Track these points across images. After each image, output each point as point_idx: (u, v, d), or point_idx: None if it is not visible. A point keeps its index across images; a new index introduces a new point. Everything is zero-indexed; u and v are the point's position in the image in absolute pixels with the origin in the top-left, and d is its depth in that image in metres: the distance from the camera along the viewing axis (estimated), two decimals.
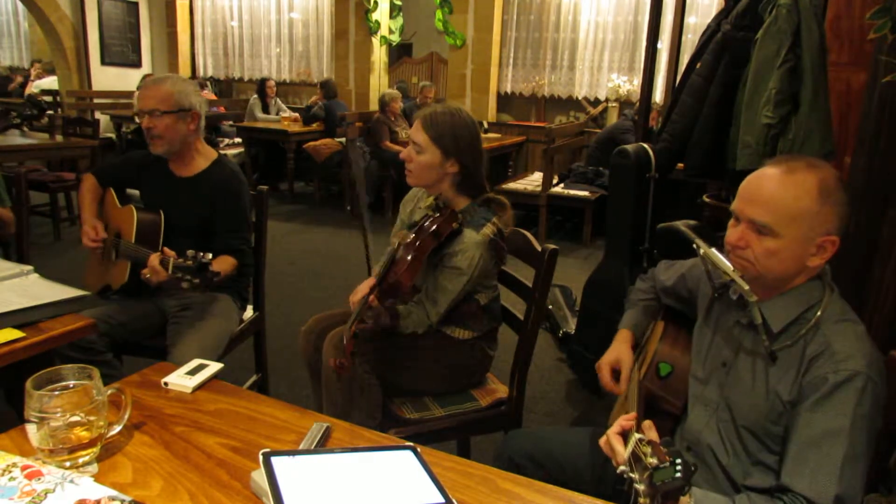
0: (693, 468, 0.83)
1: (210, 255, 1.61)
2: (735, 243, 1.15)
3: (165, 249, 1.70)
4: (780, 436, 1.13)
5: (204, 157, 2.11)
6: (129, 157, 2.24)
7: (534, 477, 1.31)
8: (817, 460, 1.04)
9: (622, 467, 0.94)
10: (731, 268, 1.15)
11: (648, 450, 0.88)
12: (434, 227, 1.62)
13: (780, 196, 1.10)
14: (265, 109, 7.32)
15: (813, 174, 1.10)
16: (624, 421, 1.03)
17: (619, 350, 1.50)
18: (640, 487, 0.86)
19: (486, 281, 1.80)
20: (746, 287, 1.13)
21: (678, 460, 0.83)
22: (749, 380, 1.18)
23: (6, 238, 2.35)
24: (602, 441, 1.06)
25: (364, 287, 1.65)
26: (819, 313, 1.12)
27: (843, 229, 1.11)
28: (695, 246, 1.22)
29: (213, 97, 8.29)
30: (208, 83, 8.62)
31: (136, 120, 2.01)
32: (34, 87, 8.65)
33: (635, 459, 0.90)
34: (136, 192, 2.20)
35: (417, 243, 1.60)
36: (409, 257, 1.59)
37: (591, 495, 1.01)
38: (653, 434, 0.99)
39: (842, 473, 1.02)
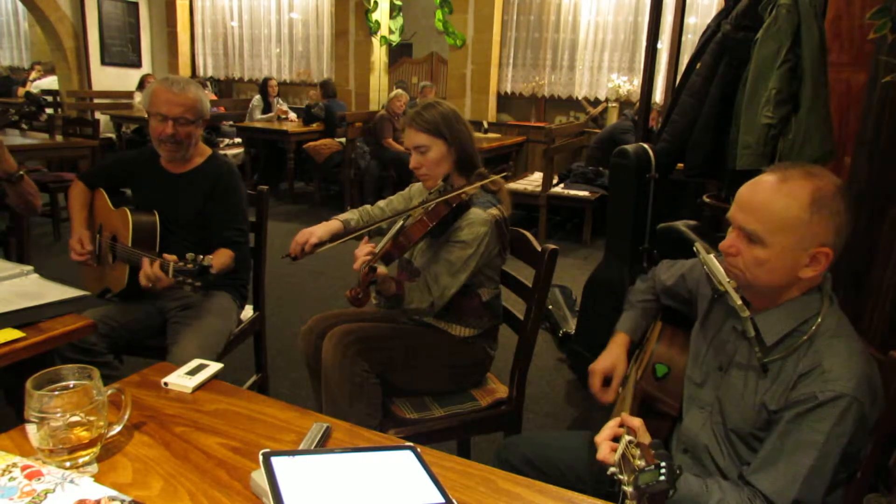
0: (678, 471, 0.84)
1: (210, 258, 1.62)
2: (726, 250, 1.14)
3: (165, 255, 1.70)
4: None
5: (199, 153, 2.13)
6: (121, 156, 2.25)
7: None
8: (785, 466, 1.05)
9: (612, 469, 0.95)
10: (727, 279, 1.14)
11: (637, 452, 0.88)
12: (445, 197, 1.65)
13: (769, 204, 1.08)
14: (267, 109, 7.33)
15: (807, 183, 1.08)
16: (616, 427, 1.04)
17: (615, 356, 1.48)
18: (628, 490, 0.86)
19: (489, 272, 1.81)
20: (739, 302, 1.12)
21: (663, 463, 0.83)
22: (740, 387, 1.18)
23: (37, 212, 2.31)
24: (598, 438, 1.06)
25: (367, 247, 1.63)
26: (814, 327, 1.11)
27: (840, 242, 1.09)
28: (695, 249, 1.22)
29: (214, 97, 8.29)
30: (209, 83, 8.62)
31: (144, 114, 2.02)
32: (33, 87, 8.66)
33: (624, 461, 0.91)
34: (128, 192, 2.20)
35: (430, 207, 1.63)
36: (420, 220, 1.61)
37: (591, 496, 1.01)
38: (644, 434, 0.99)
39: (805, 482, 1.03)
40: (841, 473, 1.07)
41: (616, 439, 1.01)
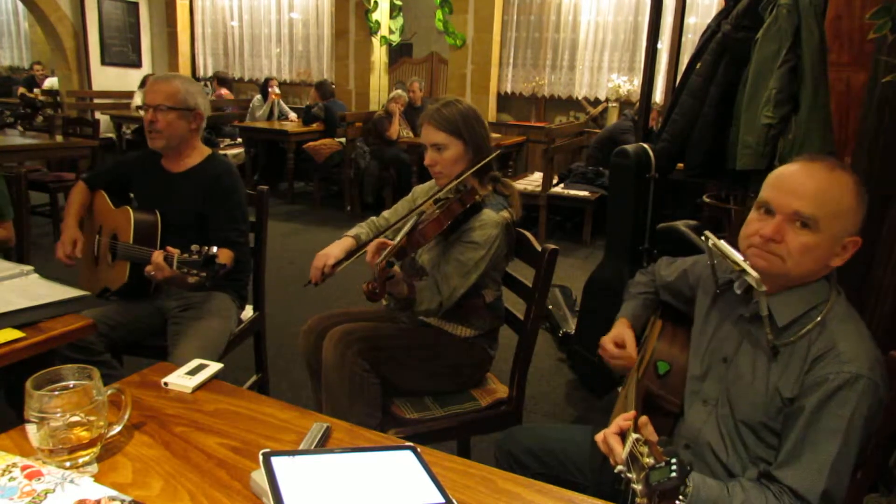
0: (689, 468, 0.84)
1: (215, 249, 1.62)
2: (771, 236, 1.11)
3: (169, 248, 1.70)
4: (778, 431, 1.13)
5: (198, 152, 2.13)
6: (123, 159, 2.26)
7: (534, 472, 1.31)
8: (810, 457, 1.05)
9: (620, 467, 0.95)
10: (742, 258, 1.13)
11: (645, 450, 0.88)
12: (459, 196, 1.65)
13: (829, 190, 1.09)
14: (269, 111, 7.32)
15: (848, 173, 1.11)
16: (622, 420, 1.03)
17: (618, 328, 1.49)
18: (637, 487, 0.86)
19: (495, 274, 1.81)
20: (756, 276, 1.10)
21: (674, 460, 0.83)
22: (749, 375, 1.18)
23: (6, 247, 2.33)
24: (599, 438, 1.06)
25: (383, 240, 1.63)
26: (825, 311, 1.12)
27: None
28: (703, 237, 1.21)
29: (231, 97, 8.23)
30: (229, 83, 8.48)
31: (140, 113, 2.08)
32: (46, 84, 8.67)
33: (632, 459, 0.91)
34: (131, 195, 2.21)
35: (444, 206, 1.63)
36: (434, 217, 1.61)
37: (591, 492, 1.01)
38: (649, 430, 0.99)
39: (832, 470, 1.03)
40: (863, 454, 1.07)
41: (622, 437, 1.01)
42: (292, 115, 7.32)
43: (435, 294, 1.68)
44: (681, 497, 0.86)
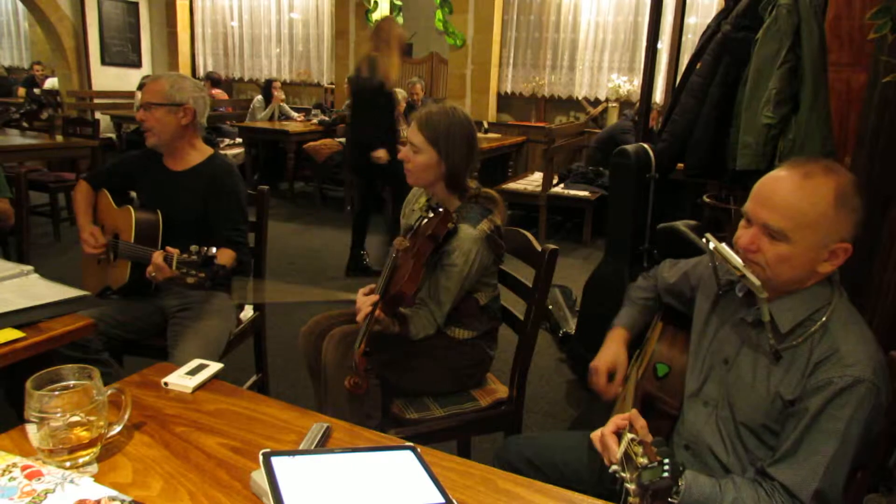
0: (682, 468, 0.84)
1: (214, 249, 1.63)
2: (746, 247, 1.12)
3: (168, 248, 1.70)
4: (778, 433, 1.13)
5: (199, 152, 2.14)
6: (125, 158, 2.26)
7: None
8: (805, 456, 1.05)
9: (614, 466, 0.95)
10: (742, 263, 1.13)
11: (640, 449, 0.89)
12: (430, 230, 1.62)
13: (795, 201, 1.08)
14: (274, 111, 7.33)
15: (830, 179, 1.08)
16: (619, 420, 1.03)
17: (615, 352, 1.48)
18: (631, 487, 0.86)
19: (486, 279, 1.80)
20: (758, 283, 1.10)
21: (666, 460, 0.84)
22: (750, 378, 1.17)
23: (6, 229, 2.34)
24: (595, 436, 1.06)
25: (366, 304, 1.60)
26: (827, 315, 1.11)
27: (856, 235, 1.10)
28: (704, 240, 1.20)
29: (225, 97, 8.23)
30: (221, 82, 8.48)
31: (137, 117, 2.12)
32: (47, 84, 8.69)
33: (627, 459, 0.91)
34: (134, 194, 2.21)
35: (416, 249, 1.60)
36: (409, 265, 1.58)
37: (591, 494, 1.01)
38: (640, 423, 0.99)
39: (826, 470, 1.03)
40: (863, 457, 1.07)
41: (619, 437, 1.01)
42: (294, 115, 7.32)
43: (430, 321, 1.71)
44: (673, 495, 0.86)
